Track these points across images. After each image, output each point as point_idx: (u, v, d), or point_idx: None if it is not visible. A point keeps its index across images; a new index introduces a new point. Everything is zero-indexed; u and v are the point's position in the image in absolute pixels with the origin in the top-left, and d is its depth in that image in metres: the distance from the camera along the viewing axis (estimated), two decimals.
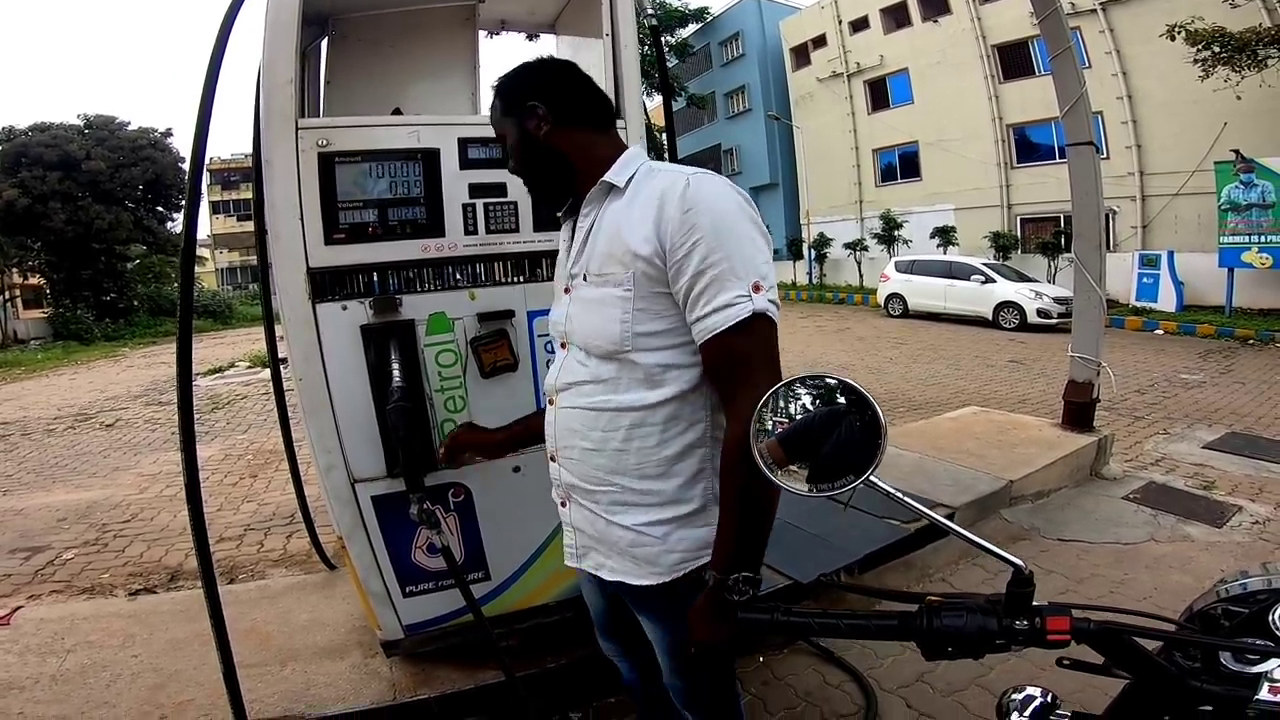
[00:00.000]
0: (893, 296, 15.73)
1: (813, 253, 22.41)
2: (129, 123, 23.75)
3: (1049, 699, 0.88)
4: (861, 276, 20.28)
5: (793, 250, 23.23)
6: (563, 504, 1.23)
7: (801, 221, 23.73)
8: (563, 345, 1.14)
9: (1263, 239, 12.78)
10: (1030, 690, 0.87)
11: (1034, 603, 0.68)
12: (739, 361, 0.94)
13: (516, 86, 1.13)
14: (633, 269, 0.97)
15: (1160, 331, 13.00)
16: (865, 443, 0.72)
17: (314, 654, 2.28)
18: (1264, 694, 0.69)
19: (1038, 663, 2.33)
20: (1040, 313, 12.69)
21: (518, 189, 1.51)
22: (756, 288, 0.93)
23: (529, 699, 1.76)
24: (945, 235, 18.46)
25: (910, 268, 15.66)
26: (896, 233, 19.41)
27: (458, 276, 1.65)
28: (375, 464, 1.71)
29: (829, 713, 2.20)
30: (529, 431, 1.44)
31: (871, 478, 0.71)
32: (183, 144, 23.99)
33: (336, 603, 2.62)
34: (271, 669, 2.17)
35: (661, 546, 1.10)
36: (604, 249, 1.03)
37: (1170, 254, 14.56)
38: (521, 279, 1.71)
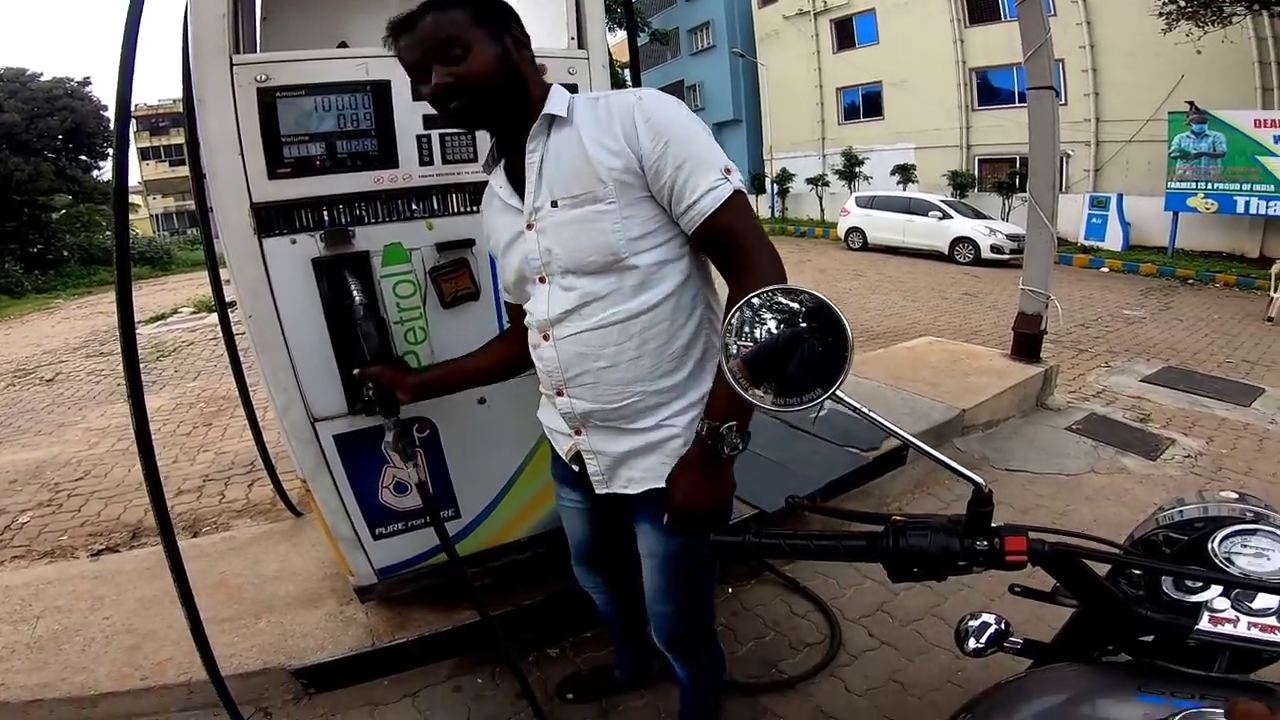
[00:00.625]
0: (853, 230, 16.12)
1: (775, 187, 22.78)
2: (41, 74, 22.55)
3: (1003, 625, 0.92)
4: (823, 211, 20.78)
5: (755, 185, 23.38)
6: (576, 432, 1.23)
7: (764, 157, 23.98)
8: (540, 280, 1.13)
9: (1210, 185, 13.52)
10: (985, 617, 0.92)
11: (1006, 527, 0.70)
12: (733, 235, 1.04)
13: None
14: (611, 182, 1.01)
15: (1106, 269, 13.61)
16: (831, 358, 0.72)
17: (287, 604, 2.24)
18: (1204, 624, 0.73)
19: (988, 593, 2.47)
20: (994, 248, 13.16)
21: None
22: (728, 170, 1.03)
23: (504, 638, 1.78)
24: (905, 173, 18.83)
25: (870, 203, 16.04)
26: (858, 169, 19.77)
27: (414, 207, 1.62)
28: (335, 401, 1.67)
29: (796, 641, 2.29)
30: (453, 377, 1.43)
31: (839, 393, 0.71)
32: (103, 92, 22.94)
33: (306, 550, 2.59)
34: (246, 622, 2.15)
35: (688, 434, 1.14)
36: (570, 173, 1.05)
37: (1119, 197, 15.19)
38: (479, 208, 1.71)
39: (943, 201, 15.21)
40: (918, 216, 14.86)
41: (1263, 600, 0.73)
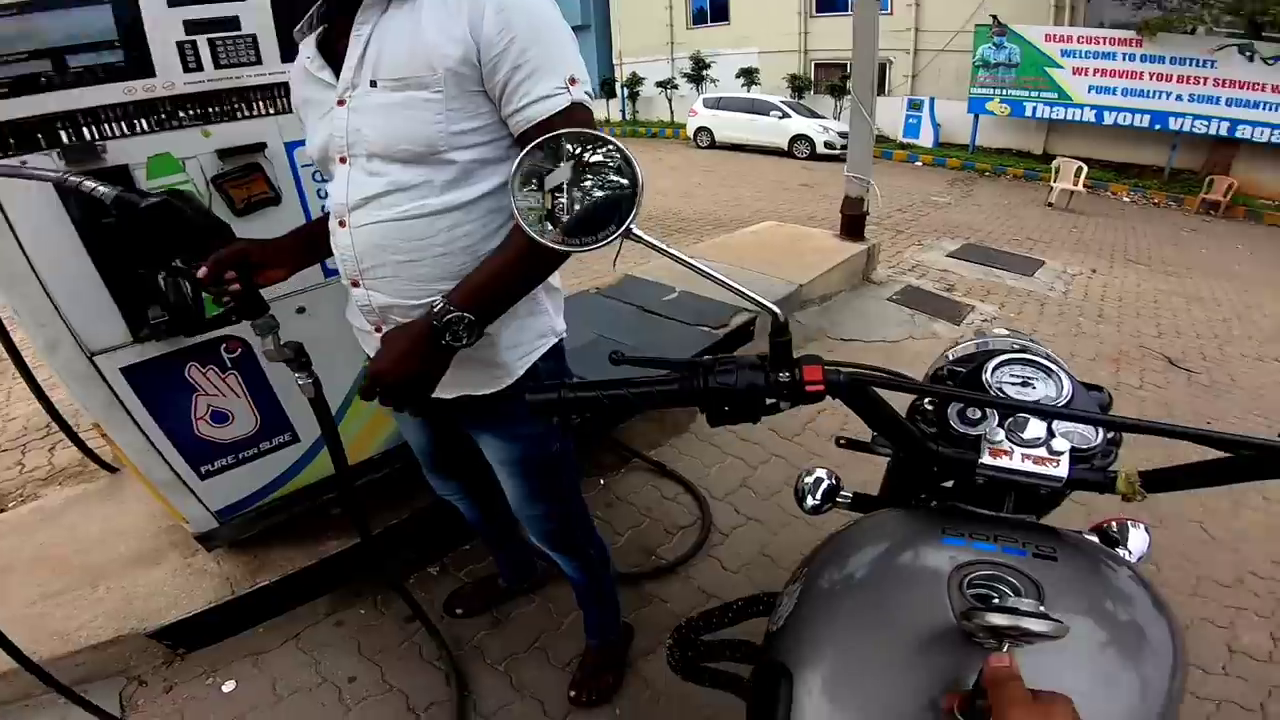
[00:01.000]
0: (701, 130, 16.86)
1: (625, 91, 22.69)
2: None
3: (834, 480, 0.94)
4: (672, 113, 21.22)
5: (605, 90, 23.05)
6: (376, 329, 1.11)
7: (614, 62, 23.82)
8: (341, 160, 1.02)
9: (1005, 92, 15.45)
10: (819, 472, 0.92)
11: (805, 358, 0.69)
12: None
13: None
14: (442, 70, 0.92)
15: (920, 164, 15.53)
16: (624, 197, 0.69)
17: (124, 566, 1.92)
18: (985, 457, 0.75)
19: (818, 452, 2.63)
20: (827, 144, 14.25)
21: (253, 21, 1.41)
22: (573, 80, 0.95)
23: (385, 561, 1.63)
24: (749, 76, 19.42)
25: (717, 104, 16.83)
26: (705, 73, 20.18)
27: (182, 115, 1.44)
28: (114, 330, 1.44)
29: (670, 525, 2.32)
30: (321, 233, 1.16)
31: (635, 231, 0.68)
32: None
33: (130, 506, 2.19)
34: (82, 593, 1.83)
35: (504, 343, 1.10)
36: (399, 55, 0.94)
37: (931, 100, 16.97)
38: (274, 110, 1.54)
39: (782, 102, 16.25)
40: (760, 116, 15.87)
41: (1032, 430, 0.75)
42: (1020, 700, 0.48)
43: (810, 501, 0.94)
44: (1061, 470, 0.72)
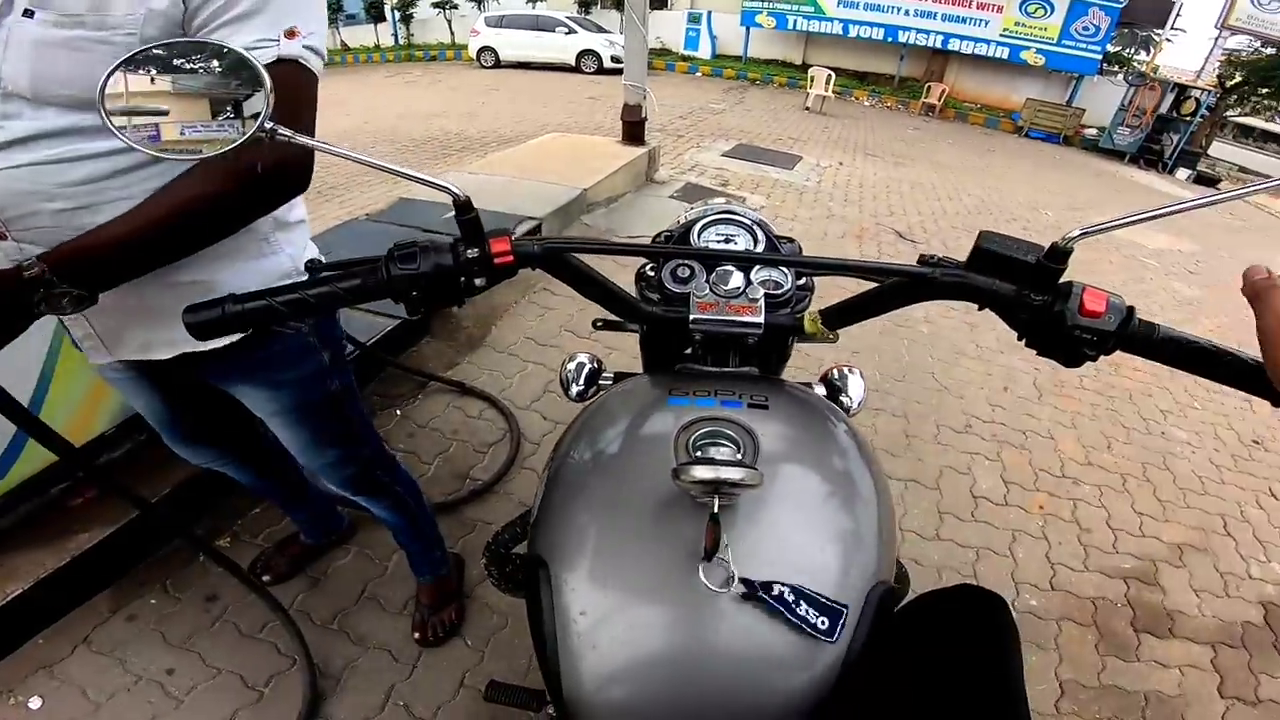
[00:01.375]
0: (485, 49, 16.11)
1: (396, 14, 20.43)
2: None
3: (596, 364, 0.93)
4: (453, 34, 19.84)
5: (373, 13, 20.32)
6: None
7: None
8: None
9: (771, 5, 16.81)
10: (580, 358, 0.90)
11: (491, 231, 0.65)
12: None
13: None
14: (141, 10, 0.73)
15: (700, 74, 16.39)
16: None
17: None
18: (694, 312, 0.76)
19: (614, 345, 2.67)
20: (614, 58, 14.20)
21: None
22: (291, 33, 0.78)
23: (171, 529, 1.33)
24: None
25: (500, 22, 16.13)
26: None
27: None
28: None
29: (479, 444, 2.23)
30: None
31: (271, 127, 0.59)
32: None
33: None
34: None
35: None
36: None
37: (709, 14, 17.77)
38: None
39: (569, 18, 15.97)
40: (546, 33, 15.50)
41: (734, 282, 0.78)
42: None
43: (575, 389, 0.92)
44: (759, 317, 0.75)
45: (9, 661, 1.47)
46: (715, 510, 0.54)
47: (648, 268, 0.86)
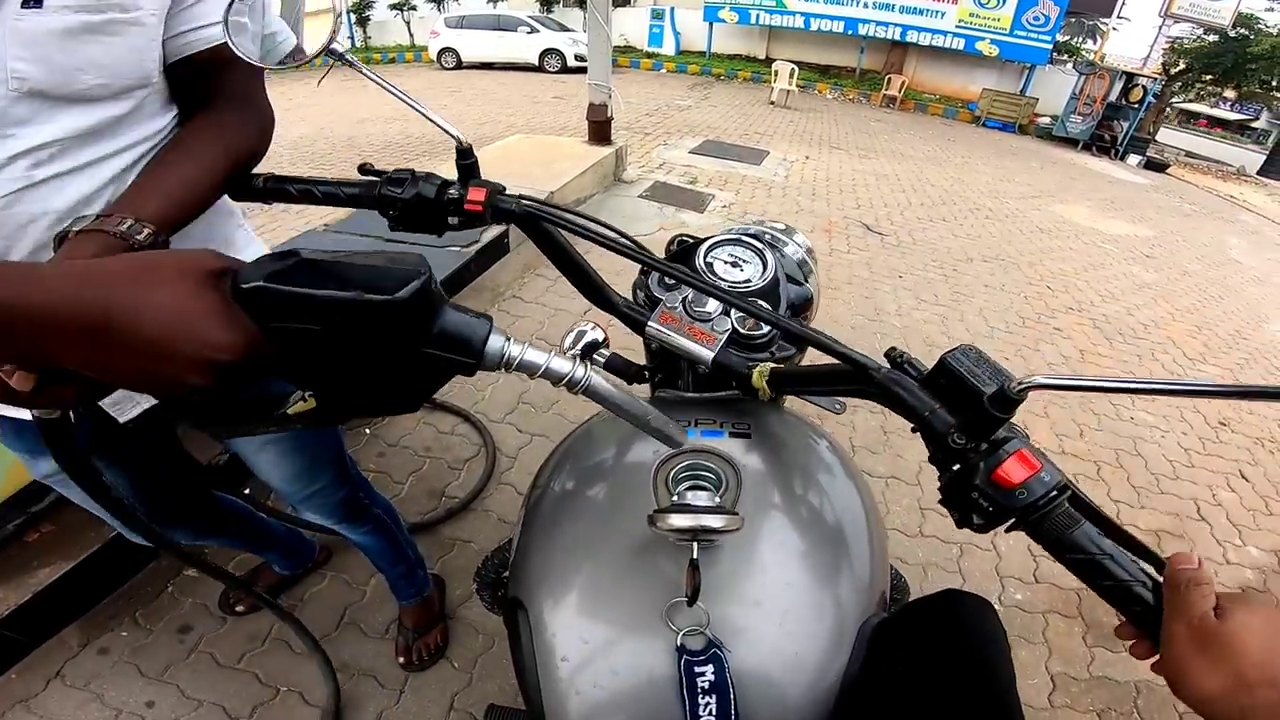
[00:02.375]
0: (445, 50, 15.94)
1: (352, 16, 20.15)
2: None
3: (601, 336, 0.87)
4: (412, 36, 19.85)
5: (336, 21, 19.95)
6: None
7: None
8: None
9: (734, 0, 16.90)
10: (584, 326, 0.84)
11: (476, 179, 0.69)
12: (243, 69, 0.78)
13: None
14: None
15: (664, 71, 16.40)
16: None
17: None
18: (654, 321, 0.74)
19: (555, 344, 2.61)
20: (578, 57, 14.13)
21: None
22: None
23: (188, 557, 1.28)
24: None
25: (460, 23, 15.98)
26: None
27: None
28: None
29: (454, 460, 2.17)
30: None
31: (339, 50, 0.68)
32: None
33: None
34: None
35: None
36: None
37: (672, 10, 17.83)
38: None
39: (530, 17, 15.84)
40: (508, 33, 15.35)
41: (710, 306, 0.74)
42: (1194, 616, 0.39)
43: (570, 353, 0.89)
44: (710, 350, 0.71)
45: None
46: (695, 556, 0.53)
47: (645, 274, 0.85)
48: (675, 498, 0.58)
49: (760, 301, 0.78)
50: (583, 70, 13.81)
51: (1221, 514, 2.42)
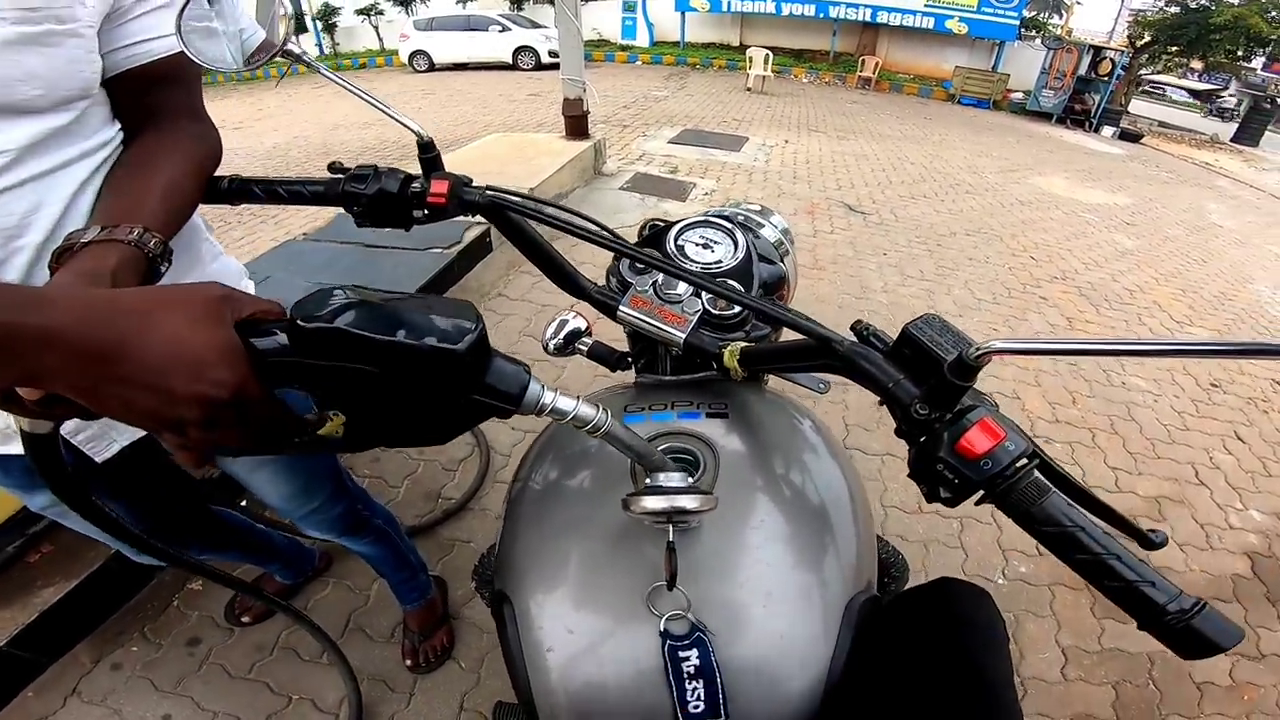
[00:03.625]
0: (417, 53, 15.75)
1: (318, 24, 19.94)
2: None
3: (583, 325, 0.89)
4: (381, 41, 19.60)
5: (296, 25, 19.49)
6: None
7: None
8: None
9: None
10: (566, 315, 0.87)
11: (439, 172, 0.69)
12: (185, 78, 0.78)
13: None
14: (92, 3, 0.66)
15: (639, 62, 16.33)
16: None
17: None
18: (624, 304, 0.73)
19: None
20: (551, 53, 13.96)
21: None
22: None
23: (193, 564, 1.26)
24: None
25: (430, 25, 15.86)
26: None
27: None
28: None
29: (448, 461, 2.13)
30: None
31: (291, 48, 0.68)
32: None
33: None
34: None
35: None
36: None
37: (644, 1, 17.72)
38: None
39: (501, 16, 15.77)
40: (479, 32, 15.25)
41: (681, 288, 0.74)
42: None
43: (553, 343, 0.88)
44: (682, 331, 0.70)
45: (4, 716, 1.45)
46: (671, 538, 0.52)
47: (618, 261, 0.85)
48: (648, 480, 0.55)
49: (731, 281, 0.79)
50: (557, 67, 13.86)
51: (1220, 477, 2.42)
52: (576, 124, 5.22)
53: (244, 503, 1.67)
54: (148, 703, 1.46)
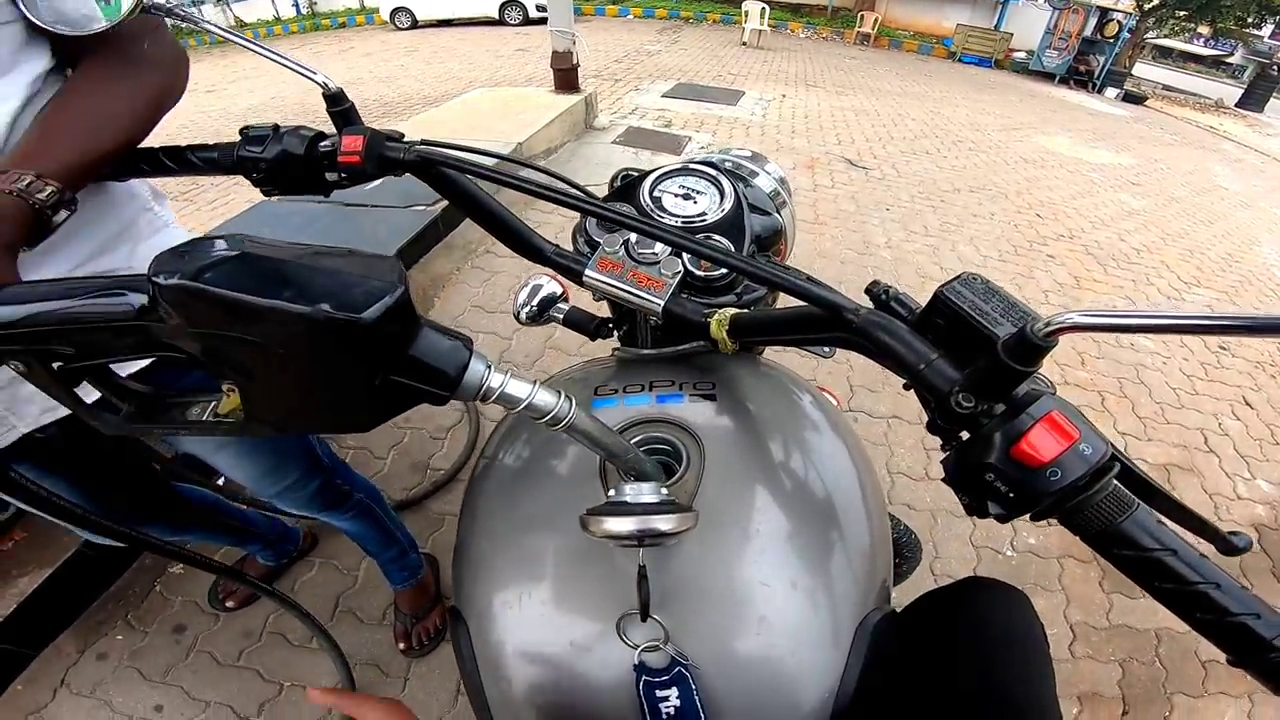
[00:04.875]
0: (399, 10, 14.95)
1: None
2: None
3: (557, 290, 0.81)
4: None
5: None
6: None
7: None
8: None
9: None
10: (539, 279, 0.79)
11: (353, 127, 0.60)
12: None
13: None
14: None
15: (631, 16, 15.78)
16: None
17: None
18: (591, 268, 0.63)
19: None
20: (539, 7, 13.42)
21: None
22: None
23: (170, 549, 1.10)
24: None
25: None
26: None
27: None
28: None
29: (435, 429, 2.03)
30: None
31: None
32: None
33: None
34: None
35: None
36: None
37: None
38: None
39: None
40: None
41: (657, 247, 0.63)
42: None
43: (525, 312, 0.79)
44: (659, 297, 0.60)
45: None
46: (641, 562, 0.43)
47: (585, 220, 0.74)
48: (613, 492, 0.45)
49: (717, 238, 0.68)
50: (545, 21, 13.44)
51: (1228, 444, 2.35)
52: (566, 77, 5.00)
53: (221, 481, 1.56)
54: (138, 693, 1.40)
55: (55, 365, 0.37)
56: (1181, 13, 13.50)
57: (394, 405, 0.37)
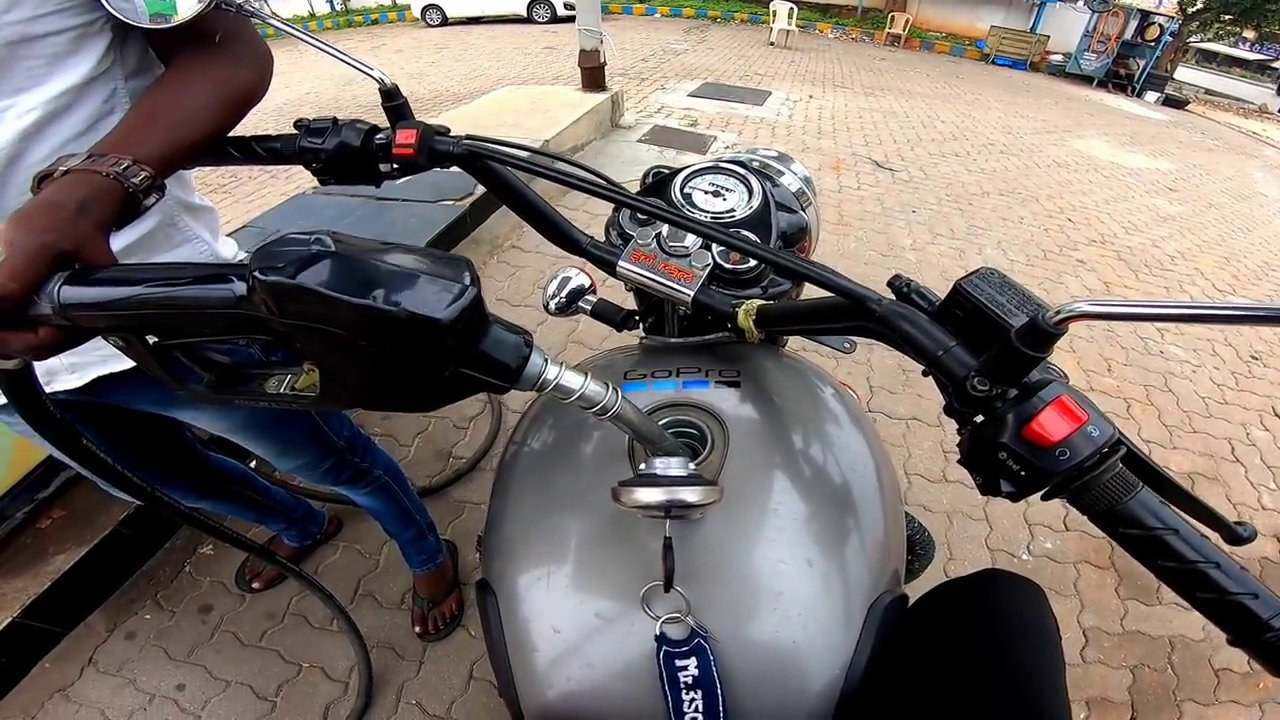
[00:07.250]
0: (430, 7, 15.17)
1: None
2: None
3: (587, 283, 0.84)
4: None
5: None
6: None
7: None
8: None
9: None
10: (569, 271, 0.82)
11: (407, 121, 0.62)
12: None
13: None
14: None
15: (658, 15, 15.93)
16: None
17: None
18: (624, 260, 0.66)
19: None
20: (567, 5, 13.52)
21: None
22: None
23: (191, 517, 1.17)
24: None
25: None
26: None
27: None
28: None
29: (459, 418, 2.06)
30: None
31: None
32: None
33: None
34: None
35: None
36: None
37: None
38: None
39: None
40: None
41: (688, 240, 0.66)
42: None
43: (554, 302, 0.82)
44: (689, 288, 0.63)
45: (23, 689, 1.43)
46: (667, 534, 0.46)
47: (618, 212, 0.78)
48: (642, 466, 0.48)
49: (745, 232, 0.71)
50: (573, 19, 13.54)
51: (1255, 454, 2.30)
52: (593, 76, 5.04)
53: (253, 464, 1.63)
54: (162, 672, 1.44)
55: (151, 340, 0.41)
56: (1226, 16, 13.10)
57: (458, 392, 0.40)
